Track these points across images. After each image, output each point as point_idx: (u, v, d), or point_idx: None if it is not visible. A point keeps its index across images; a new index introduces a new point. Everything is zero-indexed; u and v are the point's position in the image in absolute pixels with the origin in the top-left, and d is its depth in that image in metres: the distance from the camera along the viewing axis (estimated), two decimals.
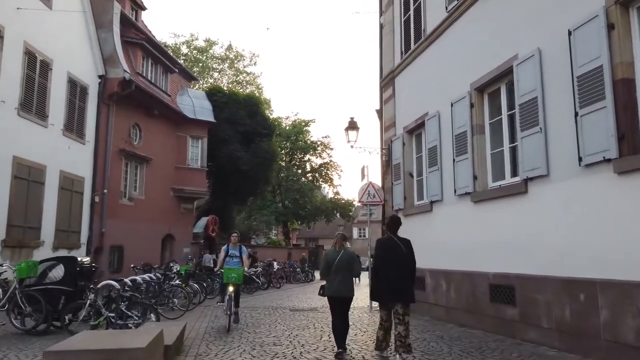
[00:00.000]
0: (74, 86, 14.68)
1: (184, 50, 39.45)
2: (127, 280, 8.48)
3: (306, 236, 59.04)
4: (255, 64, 59.85)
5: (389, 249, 5.81)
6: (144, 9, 21.45)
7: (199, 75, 36.18)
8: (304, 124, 43.13)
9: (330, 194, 47.78)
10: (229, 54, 41.45)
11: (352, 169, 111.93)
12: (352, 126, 12.27)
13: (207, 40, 40.56)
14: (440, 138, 9.48)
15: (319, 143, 43.49)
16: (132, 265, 13.93)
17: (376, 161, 60.74)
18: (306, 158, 44.27)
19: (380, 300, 5.92)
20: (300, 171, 43.75)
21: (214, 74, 40.59)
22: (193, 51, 40.03)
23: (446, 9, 9.37)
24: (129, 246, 17.05)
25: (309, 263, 30.36)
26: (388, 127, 12.24)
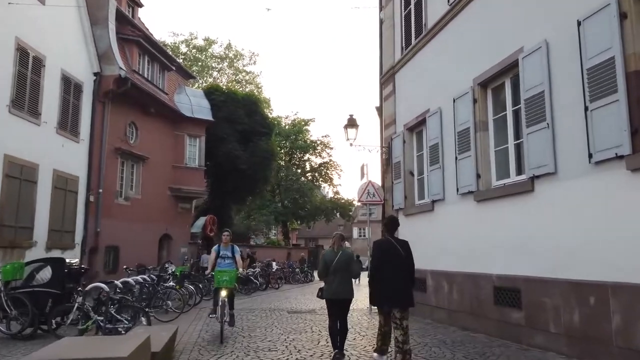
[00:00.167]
0: (68, 83, 14.37)
1: (183, 49, 39.17)
2: (117, 282, 8.20)
3: (306, 236, 58.76)
4: (255, 63, 59.41)
5: (386, 251, 5.56)
6: (140, 5, 21.16)
7: (198, 75, 35.88)
8: (303, 123, 42.82)
9: (330, 194, 47.51)
10: (228, 53, 41.17)
11: (352, 168, 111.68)
12: (351, 124, 12.00)
13: (206, 39, 40.31)
14: (441, 135, 9.20)
15: (318, 142, 43.18)
16: (125, 267, 13.58)
17: (376, 160, 60.51)
18: (306, 157, 43.96)
19: (377, 304, 5.65)
20: (299, 171, 43.43)
21: (214, 73, 40.30)
22: (192, 50, 39.77)
23: (448, 2, 9.08)
24: (125, 247, 16.75)
25: (309, 263, 30.06)
26: (388, 124, 11.95)
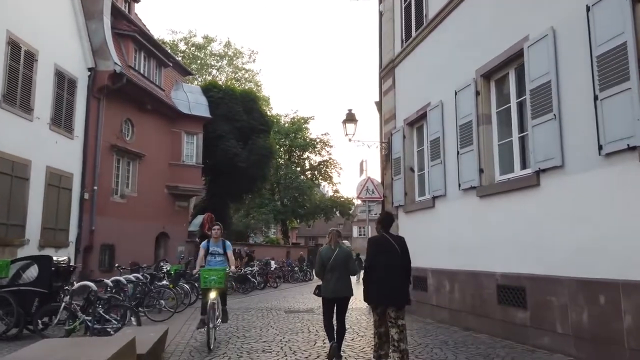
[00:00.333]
0: (62, 78, 14.09)
1: (181, 47, 38.86)
2: (107, 281, 7.92)
3: (305, 235, 58.48)
4: (254, 60, 59.23)
5: (381, 247, 5.29)
6: (137, 1, 20.86)
7: (197, 73, 35.57)
8: (302, 121, 42.52)
9: (330, 192, 47.23)
10: (227, 50, 40.84)
11: (352, 165, 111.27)
12: (350, 118, 11.74)
13: (205, 37, 39.98)
14: (443, 129, 8.91)
15: (318, 140, 42.87)
16: (117, 265, 13.26)
17: (375, 155, 60.24)
18: (305, 155, 43.67)
19: (371, 302, 5.40)
20: (299, 169, 43.13)
21: (212, 72, 39.97)
22: (191, 48, 39.44)
23: None
24: (121, 245, 16.48)
25: (308, 262, 29.79)
26: (388, 119, 11.67)
